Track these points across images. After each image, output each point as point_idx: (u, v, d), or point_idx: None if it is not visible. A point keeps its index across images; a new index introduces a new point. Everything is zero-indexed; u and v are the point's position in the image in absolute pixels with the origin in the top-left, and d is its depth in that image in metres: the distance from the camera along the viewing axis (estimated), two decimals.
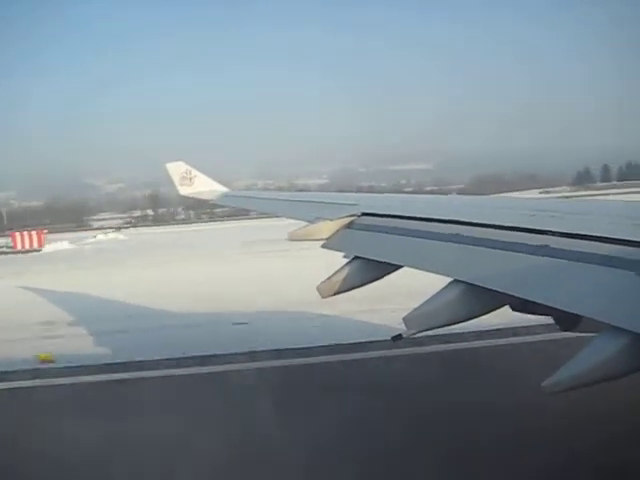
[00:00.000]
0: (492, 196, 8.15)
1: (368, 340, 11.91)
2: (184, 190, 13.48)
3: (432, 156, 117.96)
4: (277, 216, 11.45)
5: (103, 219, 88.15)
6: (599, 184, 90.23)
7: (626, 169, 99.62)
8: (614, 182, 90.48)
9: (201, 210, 75.73)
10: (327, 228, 7.08)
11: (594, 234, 4.35)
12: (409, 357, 10.73)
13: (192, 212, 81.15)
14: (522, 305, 4.91)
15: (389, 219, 6.75)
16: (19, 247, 43.34)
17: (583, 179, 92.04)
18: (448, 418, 7.94)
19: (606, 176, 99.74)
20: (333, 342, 12.18)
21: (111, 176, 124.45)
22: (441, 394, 8.80)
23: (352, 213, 7.21)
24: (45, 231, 46.87)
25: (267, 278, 21.11)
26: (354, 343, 12.00)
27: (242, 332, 13.79)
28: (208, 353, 11.82)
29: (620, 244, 4.05)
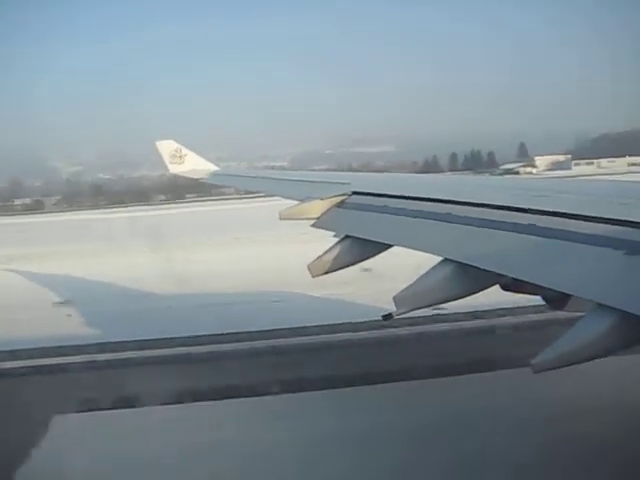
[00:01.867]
0: (482, 176, 8.14)
1: None
2: (174, 168, 13.38)
3: (395, 139, 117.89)
4: (270, 195, 11.37)
5: None
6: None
7: (470, 156, 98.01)
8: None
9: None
10: (318, 207, 7.06)
11: (582, 213, 4.36)
12: None
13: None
14: (512, 284, 4.93)
15: (380, 198, 6.73)
16: None
17: (430, 166, 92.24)
18: None
19: (454, 164, 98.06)
20: None
21: (73, 159, 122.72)
22: None
23: (343, 192, 7.19)
24: None
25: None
26: None
27: None
28: None
29: (608, 223, 4.06)
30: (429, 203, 5.98)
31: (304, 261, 6.34)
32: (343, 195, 7.14)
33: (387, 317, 5.03)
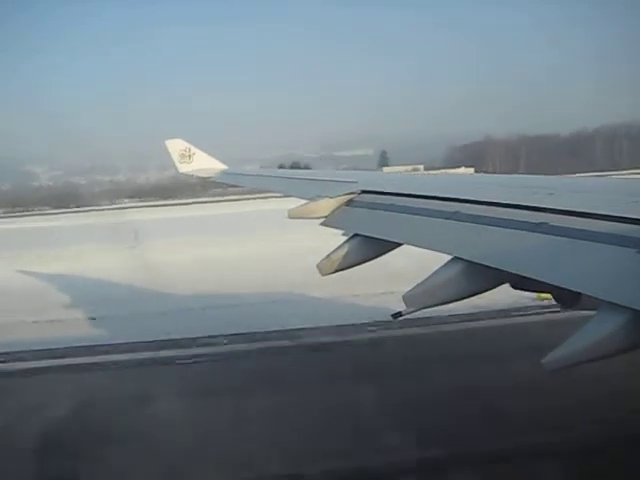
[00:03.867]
0: (491, 174, 8.14)
1: None
2: (183, 168, 13.39)
3: (373, 142, 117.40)
4: (279, 194, 11.35)
5: None
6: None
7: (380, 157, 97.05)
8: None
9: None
10: (326, 206, 7.04)
11: (593, 212, 4.33)
12: None
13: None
14: (522, 283, 4.90)
15: (388, 197, 6.71)
16: None
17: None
18: None
19: (383, 161, 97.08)
20: None
21: (54, 163, 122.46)
22: None
23: (351, 191, 7.18)
24: None
25: None
26: None
27: None
28: None
29: (619, 222, 4.04)
30: (438, 201, 5.96)
31: None
32: (352, 194, 7.13)
33: (397, 315, 5.02)
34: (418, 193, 6.47)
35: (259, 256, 22.95)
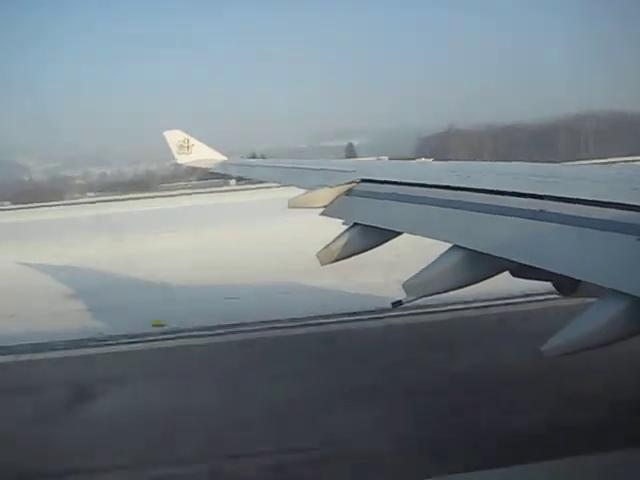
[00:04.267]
0: (493, 162, 8.12)
1: None
2: (182, 159, 13.40)
3: (369, 132, 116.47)
4: (279, 184, 11.35)
5: None
6: None
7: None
8: None
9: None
10: (326, 195, 7.05)
11: (593, 199, 4.34)
12: None
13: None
14: (522, 270, 4.91)
15: (388, 185, 6.72)
16: None
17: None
18: None
19: (350, 153, 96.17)
20: None
21: (49, 157, 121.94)
22: None
23: (351, 180, 7.19)
24: None
25: None
26: None
27: None
28: None
29: (619, 209, 4.04)
30: (438, 190, 5.97)
31: None
32: (351, 183, 7.14)
33: (396, 304, 5.02)
34: (418, 182, 6.47)
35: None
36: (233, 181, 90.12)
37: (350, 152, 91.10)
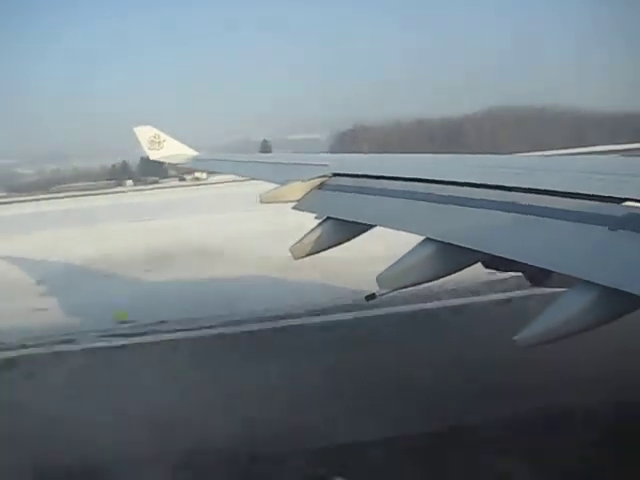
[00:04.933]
0: (463, 155, 8.15)
1: None
2: (153, 154, 13.28)
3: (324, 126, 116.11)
4: (253, 179, 11.29)
5: None
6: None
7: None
8: None
9: None
10: (298, 189, 7.02)
11: (564, 190, 4.36)
12: None
13: None
14: (494, 262, 4.93)
15: (360, 179, 6.71)
16: None
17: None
18: None
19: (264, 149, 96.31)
20: None
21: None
22: None
23: (323, 174, 7.16)
24: None
25: None
26: None
27: None
28: None
29: (590, 199, 4.07)
30: (409, 183, 5.97)
31: None
32: (324, 177, 7.11)
33: (370, 297, 5.01)
34: (390, 175, 6.46)
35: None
36: (130, 181, 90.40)
37: (265, 148, 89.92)
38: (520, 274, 5.62)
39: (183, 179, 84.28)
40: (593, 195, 4.08)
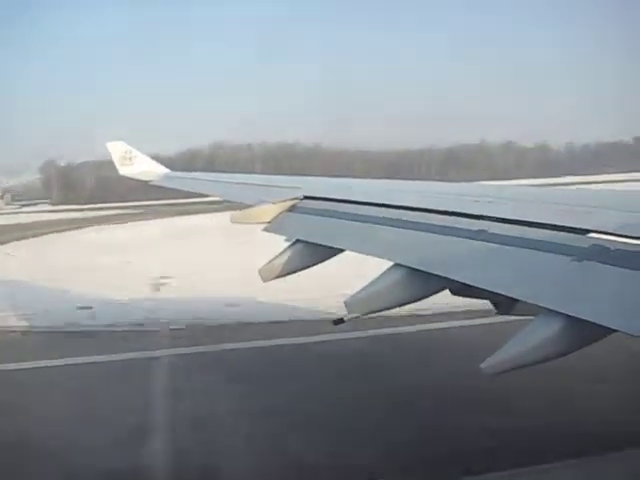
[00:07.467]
0: (433, 182, 8.24)
1: None
2: (124, 170, 13.19)
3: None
4: (223, 199, 11.25)
5: None
6: None
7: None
8: None
9: None
10: (269, 211, 7.01)
11: (531, 220, 4.43)
12: None
13: None
14: (461, 289, 4.97)
15: (331, 203, 6.73)
16: None
17: None
18: None
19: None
20: None
21: None
22: None
23: (294, 196, 7.17)
24: None
25: None
26: None
27: None
28: None
29: (556, 230, 4.13)
30: (380, 208, 6.00)
31: None
32: (295, 199, 7.12)
33: (338, 322, 5.02)
34: (361, 200, 6.50)
35: None
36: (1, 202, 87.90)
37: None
38: (487, 301, 5.66)
39: None
40: (560, 226, 4.15)
